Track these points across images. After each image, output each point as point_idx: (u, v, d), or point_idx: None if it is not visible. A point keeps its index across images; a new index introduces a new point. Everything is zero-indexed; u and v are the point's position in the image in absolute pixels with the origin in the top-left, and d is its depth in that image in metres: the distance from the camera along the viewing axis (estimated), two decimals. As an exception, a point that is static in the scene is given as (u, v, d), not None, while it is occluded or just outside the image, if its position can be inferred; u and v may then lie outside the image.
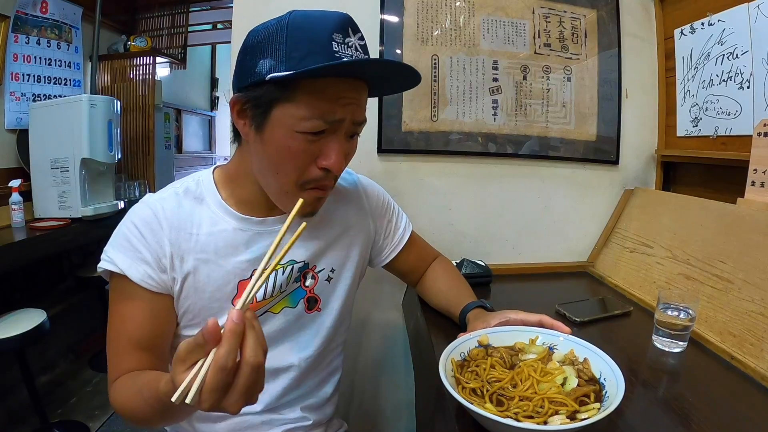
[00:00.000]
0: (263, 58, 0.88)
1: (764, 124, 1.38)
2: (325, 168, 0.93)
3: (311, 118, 0.87)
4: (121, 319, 0.97)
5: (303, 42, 0.85)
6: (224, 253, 1.02)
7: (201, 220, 1.01)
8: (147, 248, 0.96)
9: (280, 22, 0.88)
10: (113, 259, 0.96)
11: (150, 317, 0.97)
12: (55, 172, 2.84)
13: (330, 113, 0.88)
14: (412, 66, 0.93)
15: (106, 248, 0.99)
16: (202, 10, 4.77)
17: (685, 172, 1.96)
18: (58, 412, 2.84)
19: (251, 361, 0.61)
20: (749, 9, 1.49)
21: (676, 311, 1.19)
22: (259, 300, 1.06)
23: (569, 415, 0.77)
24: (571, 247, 2.02)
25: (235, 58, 0.96)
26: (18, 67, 3.14)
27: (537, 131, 1.92)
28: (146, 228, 0.97)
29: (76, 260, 3.43)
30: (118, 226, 1.01)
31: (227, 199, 1.05)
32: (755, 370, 1.07)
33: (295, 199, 0.89)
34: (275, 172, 0.94)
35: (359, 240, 1.24)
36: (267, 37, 0.88)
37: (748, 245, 1.29)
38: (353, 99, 0.91)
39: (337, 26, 0.87)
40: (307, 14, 0.88)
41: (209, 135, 6.92)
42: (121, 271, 0.95)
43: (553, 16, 1.90)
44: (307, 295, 1.14)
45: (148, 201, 1.01)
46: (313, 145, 0.91)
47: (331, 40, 0.85)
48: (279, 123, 0.89)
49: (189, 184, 1.05)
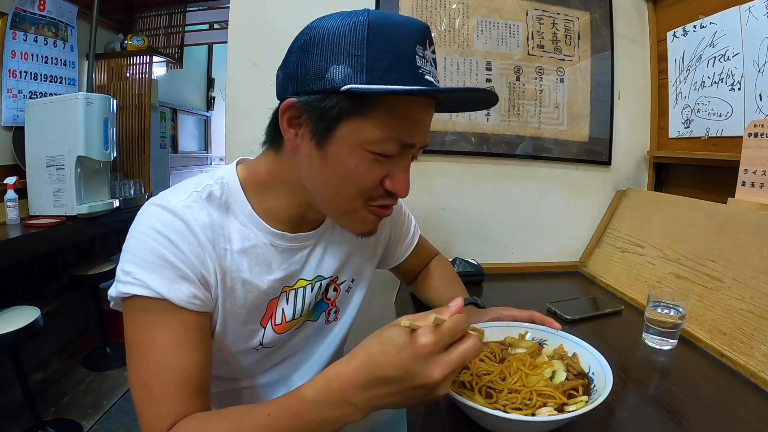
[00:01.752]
0: (337, 64, 0.75)
1: (755, 125, 1.39)
2: (389, 191, 0.85)
3: (387, 138, 0.79)
4: (162, 352, 0.77)
5: (387, 52, 0.75)
6: (258, 271, 0.92)
7: (231, 234, 0.89)
8: (186, 264, 0.80)
9: (356, 23, 0.75)
10: (146, 281, 0.77)
11: (199, 345, 0.81)
12: (51, 170, 2.83)
13: (407, 136, 0.80)
14: (494, 91, 0.85)
15: (127, 268, 0.79)
16: (199, 10, 4.75)
17: (677, 173, 1.98)
18: (51, 410, 2.83)
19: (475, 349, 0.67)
20: (741, 12, 1.51)
21: (666, 309, 1.20)
22: (288, 320, 1.00)
23: (557, 407, 0.78)
24: (564, 247, 2.03)
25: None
26: (15, 64, 3.13)
27: (530, 132, 1.94)
28: (182, 240, 0.81)
29: (71, 258, 3.42)
30: (133, 236, 0.82)
31: (257, 209, 0.92)
32: (744, 367, 1.08)
33: (357, 218, 0.88)
34: (335, 193, 0.84)
35: (378, 248, 1.23)
36: (341, 38, 0.75)
37: (738, 244, 1.31)
38: (426, 122, 0.85)
39: (420, 37, 0.78)
40: (388, 18, 0.79)
41: (205, 135, 6.89)
42: (160, 295, 0.77)
43: (547, 18, 1.91)
44: (329, 308, 1.11)
45: (170, 207, 0.83)
46: (380, 166, 0.82)
47: (414, 53, 0.76)
48: (346, 140, 0.79)
49: (212, 188, 0.89)
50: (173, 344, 0.78)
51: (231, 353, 0.95)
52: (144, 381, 0.76)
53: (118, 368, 3.33)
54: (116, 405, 2.93)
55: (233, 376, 1.02)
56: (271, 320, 0.98)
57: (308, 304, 1.03)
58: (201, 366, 0.79)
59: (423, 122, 0.84)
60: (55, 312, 3.13)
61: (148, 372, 0.76)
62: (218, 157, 6.92)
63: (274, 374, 1.06)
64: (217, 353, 0.93)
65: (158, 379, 0.76)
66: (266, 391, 1.06)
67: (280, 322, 0.99)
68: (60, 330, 3.36)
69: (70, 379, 3.21)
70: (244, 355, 0.98)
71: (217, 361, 0.93)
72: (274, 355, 1.04)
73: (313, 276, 1.03)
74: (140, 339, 0.78)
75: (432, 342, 0.63)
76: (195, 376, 0.78)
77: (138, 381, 0.77)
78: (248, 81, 1.80)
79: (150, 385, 0.75)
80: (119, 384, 3.16)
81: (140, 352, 0.78)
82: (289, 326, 1.01)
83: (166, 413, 0.74)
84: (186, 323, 0.80)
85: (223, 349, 0.94)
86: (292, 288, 1.00)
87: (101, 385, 3.16)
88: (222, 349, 0.93)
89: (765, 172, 1.35)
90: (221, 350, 0.94)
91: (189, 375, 0.77)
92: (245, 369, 1.01)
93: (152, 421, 0.74)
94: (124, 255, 0.81)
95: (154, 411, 0.75)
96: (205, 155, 6.82)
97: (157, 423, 0.74)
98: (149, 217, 0.82)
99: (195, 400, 0.77)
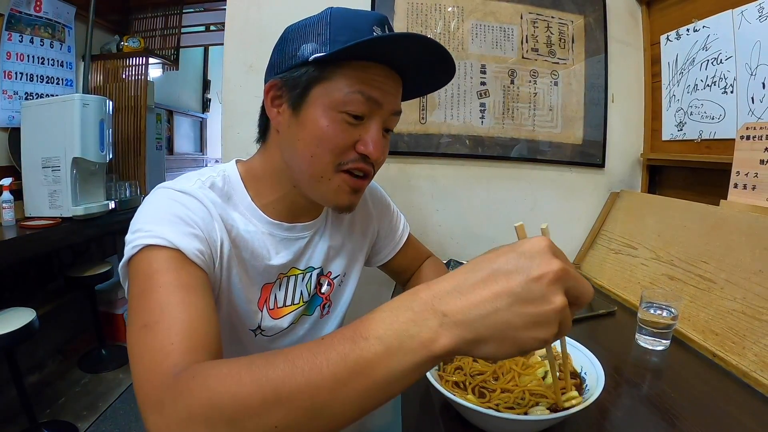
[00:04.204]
0: (306, 43, 0.87)
1: (747, 128, 1.41)
2: (363, 154, 0.89)
3: (351, 93, 0.85)
4: (167, 292, 0.71)
5: (346, 29, 0.85)
6: (257, 255, 0.97)
7: (233, 220, 0.94)
8: (198, 225, 0.82)
9: (320, 16, 0.88)
10: (158, 232, 0.76)
11: (204, 296, 0.75)
12: (47, 171, 2.83)
13: (369, 89, 0.86)
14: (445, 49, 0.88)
15: (138, 227, 0.78)
16: (196, 12, 4.75)
17: (670, 175, 1.99)
18: (47, 412, 2.82)
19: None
20: (733, 15, 1.52)
21: (659, 310, 1.21)
22: (280, 306, 1.04)
23: (550, 406, 0.79)
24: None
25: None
26: (11, 65, 3.12)
27: (524, 134, 1.95)
28: (195, 208, 0.85)
29: (66, 260, 3.42)
30: (144, 208, 0.83)
31: (255, 200, 0.98)
32: (737, 367, 1.09)
33: (331, 185, 0.90)
34: (309, 156, 0.89)
35: (365, 242, 1.25)
36: (309, 25, 0.88)
37: (731, 246, 1.32)
38: (390, 87, 0.90)
39: (377, 20, 0.88)
40: (346, 10, 0.89)
41: (200, 137, 6.88)
42: (172, 243, 0.75)
43: (541, 21, 1.93)
44: (323, 302, 1.14)
45: (181, 187, 0.87)
46: (352, 129, 0.88)
47: (372, 30, 0.86)
48: (317, 103, 0.87)
49: (214, 179, 0.95)
50: (179, 285, 0.72)
51: (232, 332, 0.98)
52: (144, 321, 0.67)
53: (114, 370, 3.33)
54: (112, 407, 2.93)
55: None
56: (266, 304, 1.02)
57: (300, 293, 1.07)
58: (208, 312, 0.72)
59: (387, 86, 0.89)
60: (50, 313, 3.12)
61: (149, 312, 0.68)
62: (214, 159, 6.90)
63: None
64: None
65: (161, 315, 0.67)
66: None
67: (273, 307, 1.03)
68: (55, 332, 3.35)
69: (65, 381, 3.20)
70: (244, 337, 1.00)
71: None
72: (273, 347, 1.05)
73: (305, 266, 1.08)
74: (144, 286, 0.72)
75: (551, 244, 0.54)
76: (202, 318, 0.69)
77: (137, 325, 0.67)
78: (244, 83, 1.81)
79: (150, 324, 0.66)
80: (115, 386, 3.16)
81: (142, 298, 0.71)
82: (282, 313, 1.04)
83: (170, 349, 0.63)
84: (193, 274, 0.77)
85: (224, 329, 0.91)
86: (285, 275, 1.04)
87: (97, 386, 3.15)
88: (223, 328, 0.89)
89: (757, 174, 1.36)
90: (222, 330, 0.93)
91: (196, 314, 0.69)
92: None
93: (153, 361, 0.62)
94: (134, 222, 0.80)
95: (157, 349, 0.63)
96: (200, 157, 6.80)
97: (160, 362, 0.62)
98: (161, 194, 0.86)
99: (204, 345, 0.66)
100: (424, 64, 0.90)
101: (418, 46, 0.84)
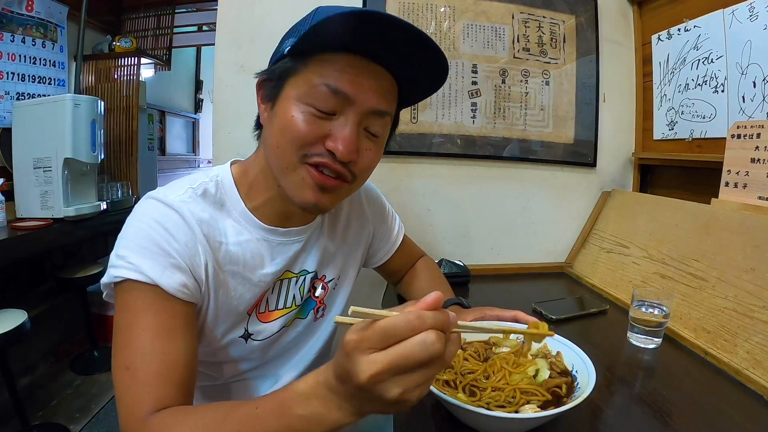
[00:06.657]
0: (287, 39, 0.88)
1: (737, 127, 1.42)
2: (330, 150, 0.83)
3: (317, 86, 0.81)
4: (147, 337, 0.77)
5: (326, 20, 0.77)
6: (252, 265, 0.96)
7: (226, 229, 0.93)
8: (180, 254, 0.83)
9: (309, 13, 0.86)
10: (138, 265, 0.78)
11: (184, 335, 0.81)
12: (38, 172, 2.81)
13: (336, 81, 0.81)
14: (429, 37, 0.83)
15: (121, 253, 0.81)
16: (188, 12, 4.75)
17: (662, 174, 2.00)
18: (39, 414, 2.81)
19: (449, 359, 0.59)
20: (724, 15, 1.53)
21: (650, 308, 1.22)
22: (271, 309, 1.03)
23: (541, 405, 0.79)
24: (549, 248, 2.05)
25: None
26: (2, 65, 3.10)
27: (516, 134, 1.95)
28: (177, 231, 0.84)
29: (58, 261, 3.40)
30: (130, 225, 0.85)
31: (248, 204, 0.96)
32: (729, 365, 1.10)
33: (296, 177, 0.86)
34: (276, 146, 0.86)
35: (360, 245, 1.24)
36: (297, 23, 0.89)
37: (722, 244, 1.33)
38: (366, 81, 0.83)
39: (360, 12, 0.78)
40: (334, 6, 0.80)
41: (193, 137, 6.85)
42: (152, 280, 0.78)
43: (533, 21, 1.93)
44: (317, 305, 1.13)
45: (168, 200, 0.87)
46: (321, 123, 0.83)
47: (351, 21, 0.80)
48: (289, 95, 0.84)
49: (207, 185, 0.93)
50: (159, 330, 0.78)
51: (220, 345, 0.97)
52: (126, 363, 0.75)
53: (106, 372, 3.30)
54: (104, 409, 2.91)
55: (222, 370, 1.03)
56: (256, 308, 1.00)
57: (292, 296, 1.06)
58: (185, 356, 0.79)
59: (361, 79, 0.83)
60: (42, 315, 3.10)
61: (131, 355, 0.76)
62: (206, 160, 6.88)
63: (263, 369, 1.08)
64: (206, 346, 0.96)
65: (141, 362, 0.75)
66: (254, 386, 1.08)
67: (264, 310, 1.02)
68: (47, 333, 3.33)
69: (57, 383, 3.18)
70: (233, 347, 0.99)
71: (205, 353, 0.96)
72: (265, 350, 1.05)
73: (299, 270, 1.06)
74: (127, 322, 0.79)
75: (355, 339, 0.56)
76: (178, 365, 0.77)
77: (120, 363, 0.76)
78: (236, 83, 1.80)
79: (132, 368, 0.75)
80: (107, 388, 3.14)
81: (125, 335, 0.78)
82: (273, 316, 1.03)
83: (146, 397, 0.72)
84: (173, 312, 0.80)
85: (212, 342, 0.95)
86: (279, 279, 1.03)
87: (89, 388, 3.13)
88: (211, 341, 0.95)
89: (748, 172, 1.37)
90: (210, 343, 0.96)
91: (172, 363, 0.77)
92: (234, 362, 1.03)
93: (131, 404, 0.73)
94: (119, 242, 0.83)
95: (134, 394, 0.73)
96: (192, 158, 6.79)
97: (136, 406, 0.72)
98: (147, 209, 0.86)
99: (177, 390, 0.76)
100: (406, 52, 0.83)
101: (387, 28, 0.78)
